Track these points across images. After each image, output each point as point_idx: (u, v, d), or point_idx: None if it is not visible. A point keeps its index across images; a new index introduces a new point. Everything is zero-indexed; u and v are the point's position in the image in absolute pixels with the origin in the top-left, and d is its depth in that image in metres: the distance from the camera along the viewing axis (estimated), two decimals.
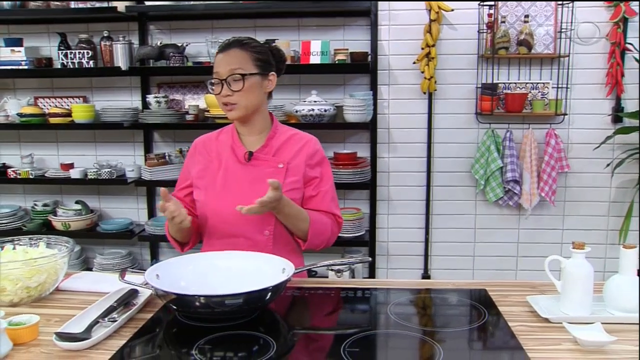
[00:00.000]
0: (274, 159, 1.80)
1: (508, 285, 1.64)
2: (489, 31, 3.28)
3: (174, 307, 1.38)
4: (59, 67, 3.47)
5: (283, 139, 1.84)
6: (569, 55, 3.26)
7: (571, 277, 1.38)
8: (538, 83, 3.37)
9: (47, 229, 3.56)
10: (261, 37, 3.29)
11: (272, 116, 1.88)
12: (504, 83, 3.38)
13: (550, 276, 1.46)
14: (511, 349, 1.23)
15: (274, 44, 1.89)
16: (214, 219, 1.80)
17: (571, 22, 3.22)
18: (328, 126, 3.26)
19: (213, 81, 1.77)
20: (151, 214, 3.73)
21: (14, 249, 1.61)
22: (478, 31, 3.32)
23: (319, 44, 3.22)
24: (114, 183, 3.56)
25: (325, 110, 3.18)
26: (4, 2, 3.35)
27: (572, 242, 1.39)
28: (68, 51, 3.42)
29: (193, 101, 3.59)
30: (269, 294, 1.36)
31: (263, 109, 1.83)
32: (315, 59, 3.22)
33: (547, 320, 1.35)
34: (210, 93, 1.81)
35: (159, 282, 1.41)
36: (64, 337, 1.23)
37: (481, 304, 1.48)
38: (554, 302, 1.43)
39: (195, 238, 1.89)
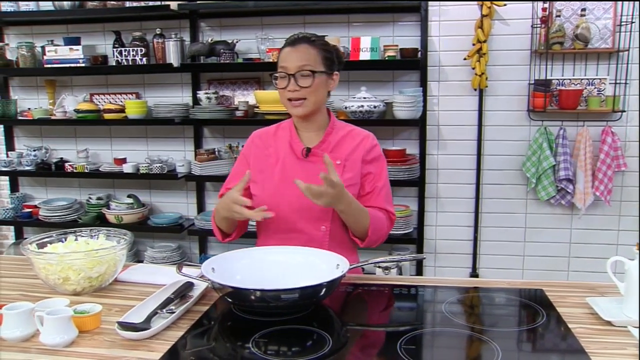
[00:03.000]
0: (331, 156, 1.78)
1: (565, 286, 1.59)
2: (543, 26, 3.20)
3: (230, 300, 1.40)
4: (114, 64, 3.57)
5: (341, 135, 1.84)
6: (628, 50, 3.15)
7: (635, 279, 1.33)
8: (594, 79, 3.26)
9: (100, 221, 3.68)
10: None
11: (329, 112, 1.89)
12: (557, 79, 3.29)
13: (612, 277, 1.41)
14: (573, 351, 1.20)
15: (334, 44, 1.88)
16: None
17: (632, 15, 3.11)
18: (377, 123, 3.25)
19: (278, 75, 1.76)
20: (200, 208, 3.79)
21: (75, 240, 1.66)
22: (531, 26, 3.24)
23: (368, 40, 3.20)
24: (165, 178, 3.63)
25: (374, 107, 3.16)
26: (64, 3, 3.47)
27: (638, 243, 1.34)
28: (122, 49, 3.51)
29: (243, 97, 3.63)
30: (324, 289, 1.36)
31: (324, 106, 1.84)
32: (364, 55, 3.21)
33: (609, 323, 1.31)
34: (275, 87, 1.80)
35: (215, 275, 1.43)
36: (126, 326, 1.27)
37: (538, 304, 1.45)
38: (615, 304, 1.39)
39: (238, 231, 1.88)
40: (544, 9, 3.18)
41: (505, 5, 3.21)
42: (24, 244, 1.56)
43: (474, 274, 3.55)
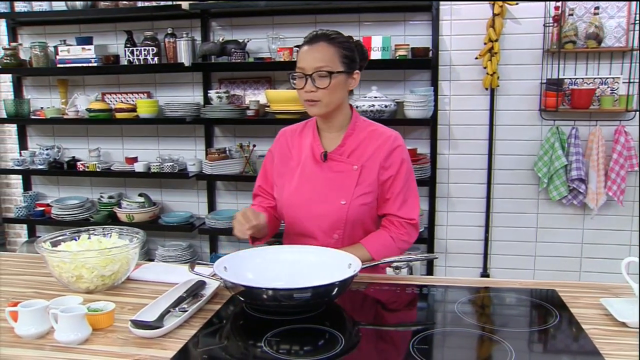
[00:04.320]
0: (348, 161, 1.76)
1: (578, 287, 1.58)
2: (555, 25, 3.18)
3: (242, 299, 1.40)
4: (125, 63, 3.59)
5: (361, 137, 1.78)
6: None
7: None
8: (607, 78, 3.24)
9: (112, 220, 3.70)
10: None
11: (352, 110, 1.83)
12: (570, 78, 3.27)
13: (627, 278, 1.40)
14: (587, 352, 1.19)
15: (358, 41, 1.83)
16: (288, 218, 1.82)
17: None
18: (388, 122, 3.19)
19: (296, 75, 1.72)
20: (211, 207, 3.81)
21: (89, 238, 1.67)
22: (544, 25, 3.22)
23: (379, 40, 3.20)
24: (176, 177, 3.65)
25: (385, 106, 3.16)
26: (77, 3, 3.49)
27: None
28: (134, 48, 3.53)
29: (254, 97, 3.63)
30: (336, 288, 1.36)
31: (344, 106, 1.79)
32: (376, 55, 3.20)
33: (623, 324, 1.30)
34: (292, 87, 1.76)
35: (227, 274, 1.43)
36: (139, 324, 1.27)
37: (551, 305, 1.43)
38: (630, 305, 1.37)
39: (269, 234, 1.89)
40: (556, 8, 3.16)
41: (517, 4, 3.19)
42: (38, 242, 1.57)
43: (485, 274, 3.54)
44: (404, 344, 1.22)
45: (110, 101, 3.82)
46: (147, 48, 3.51)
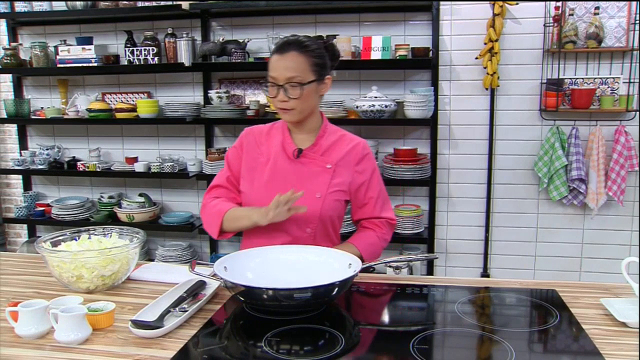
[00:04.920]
0: (322, 159, 1.80)
1: (578, 287, 1.58)
2: (555, 25, 3.18)
3: (242, 299, 1.40)
4: (126, 63, 3.58)
5: (332, 139, 1.83)
6: None
7: None
8: (607, 78, 3.23)
9: (112, 220, 3.70)
10: (322, 33, 3.31)
11: (322, 115, 1.88)
12: (570, 78, 3.27)
13: (627, 278, 1.40)
14: (587, 353, 1.19)
15: (329, 42, 1.84)
16: None
17: None
18: (388, 122, 3.25)
19: (268, 83, 1.74)
20: None
21: (89, 238, 1.67)
22: (544, 25, 3.22)
23: (380, 40, 3.20)
24: (176, 177, 3.65)
25: (385, 106, 3.16)
26: (77, 3, 3.49)
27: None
28: (134, 48, 3.53)
29: (254, 96, 3.63)
30: (336, 288, 1.36)
31: (316, 110, 1.83)
32: (376, 55, 3.20)
33: (624, 324, 1.30)
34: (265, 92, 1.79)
35: (227, 274, 1.43)
36: (139, 324, 1.27)
37: (551, 305, 1.44)
38: (630, 305, 1.37)
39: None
40: (556, 8, 3.16)
41: (517, 4, 3.19)
42: (38, 242, 1.57)
43: (485, 274, 3.54)
44: (404, 344, 1.22)
45: (111, 101, 3.82)
46: (147, 48, 3.51)
